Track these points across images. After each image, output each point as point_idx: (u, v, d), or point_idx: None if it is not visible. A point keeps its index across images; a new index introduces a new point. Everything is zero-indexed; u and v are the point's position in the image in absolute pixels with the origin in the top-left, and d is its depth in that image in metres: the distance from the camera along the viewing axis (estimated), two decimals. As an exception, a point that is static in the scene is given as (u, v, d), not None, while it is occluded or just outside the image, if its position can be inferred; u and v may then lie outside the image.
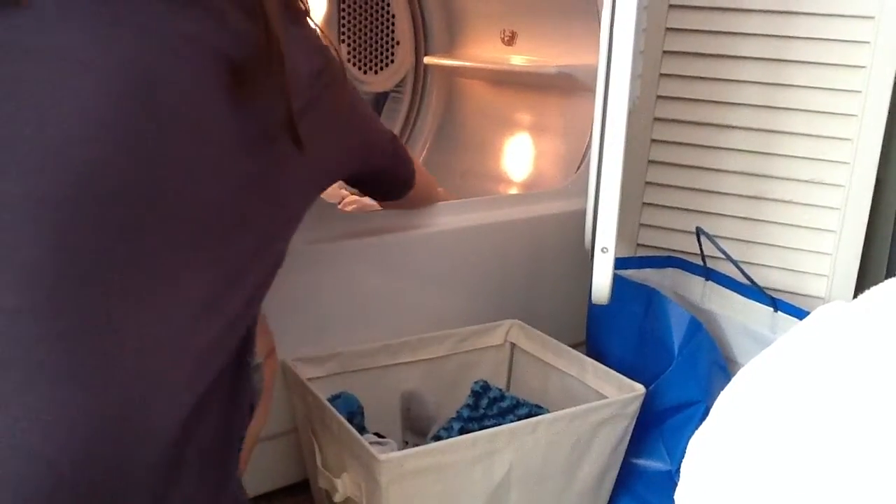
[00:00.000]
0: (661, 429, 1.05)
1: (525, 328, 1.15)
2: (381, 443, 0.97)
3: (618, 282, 1.00)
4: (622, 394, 0.98)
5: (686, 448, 0.53)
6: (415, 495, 0.84)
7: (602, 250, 0.94)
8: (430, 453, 0.84)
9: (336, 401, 0.97)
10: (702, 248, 1.15)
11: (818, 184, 1.12)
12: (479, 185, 1.58)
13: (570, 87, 1.41)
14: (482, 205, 1.22)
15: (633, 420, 0.99)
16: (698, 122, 1.19)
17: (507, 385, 1.17)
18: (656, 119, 1.21)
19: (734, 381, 0.54)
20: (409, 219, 1.12)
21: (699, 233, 1.12)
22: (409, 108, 1.75)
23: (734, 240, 1.17)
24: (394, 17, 1.65)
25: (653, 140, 1.22)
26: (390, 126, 1.74)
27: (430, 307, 1.17)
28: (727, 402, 0.53)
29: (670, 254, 1.23)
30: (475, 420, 1.02)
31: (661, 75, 1.20)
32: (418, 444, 0.98)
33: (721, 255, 1.10)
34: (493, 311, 1.19)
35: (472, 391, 1.05)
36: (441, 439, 0.93)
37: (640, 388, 0.98)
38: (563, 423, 0.92)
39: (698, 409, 1.02)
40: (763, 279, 1.11)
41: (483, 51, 1.61)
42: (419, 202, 1.09)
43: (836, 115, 1.09)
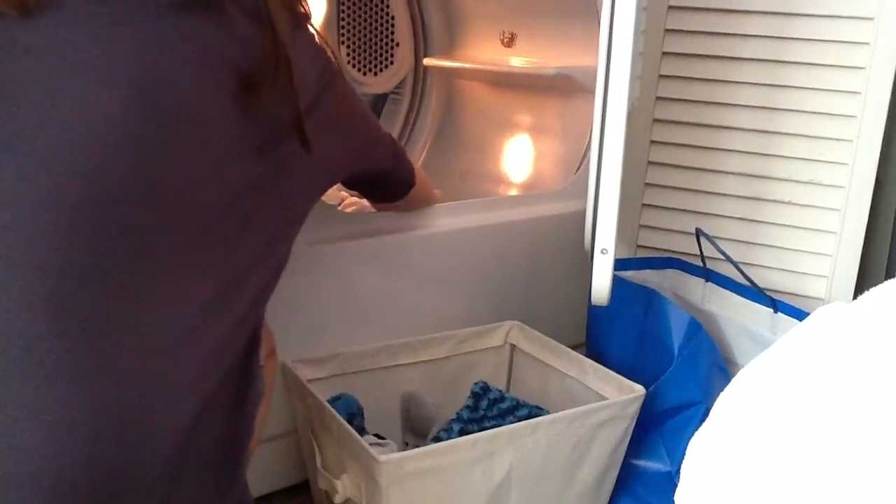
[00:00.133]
0: (661, 430, 1.05)
1: (525, 329, 1.15)
2: (380, 444, 0.97)
3: (617, 283, 1.00)
4: (622, 395, 0.98)
5: (686, 449, 0.53)
6: (415, 496, 0.84)
7: (602, 251, 0.94)
8: (430, 454, 0.84)
9: (336, 402, 0.97)
10: (701, 250, 1.15)
11: (818, 185, 1.12)
12: (478, 186, 1.58)
13: (569, 89, 1.41)
14: (482, 206, 1.22)
15: (633, 421, 0.99)
16: (698, 124, 1.19)
17: (507, 386, 1.17)
18: (656, 120, 1.21)
19: (734, 382, 0.54)
20: (409, 220, 1.12)
21: (699, 234, 1.13)
22: (408, 110, 1.75)
23: (734, 241, 1.17)
24: (393, 18, 1.65)
25: (652, 141, 1.22)
26: (390, 127, 1.75)
27: (429, 308, 1.17)
28: (727, 403, 0.53)
29: (670, 255, 1.23)
30: (475, 421, 1.02)
31: (661, 76, 1.20)
32: (418, 446, 0.98)
33: (721, 257, 1.10)
34: (493, 313, 1.19)
35: (471, 392, 1.05)
36: (441, 440, 0.93)
37: (639, 390, 0.98)
38: (563, 425, 0.92)
39: (698, 410, 1.02)
40: (763, 280, 1.11)
41: (482, 52, 1.61)
42: (417, 204, 1.09)
43: (836, 116, 1.09)
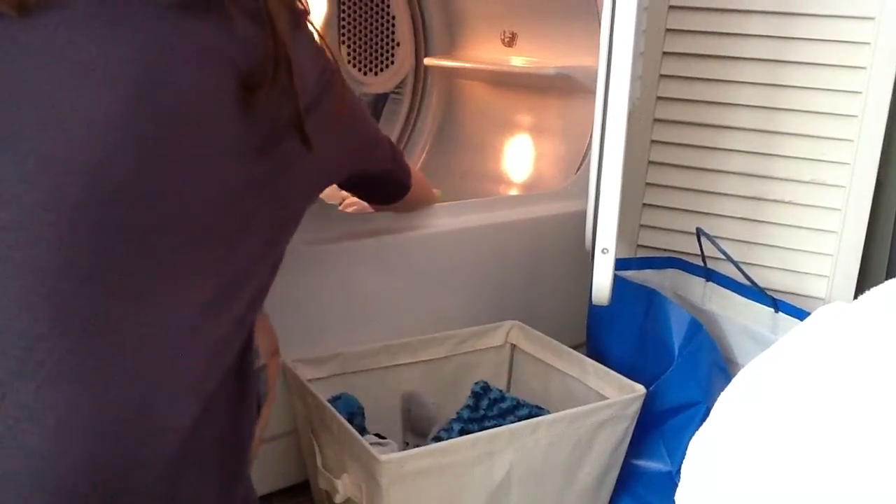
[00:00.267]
0: (661, 430, 1.05)
1: (525, 329, 1.15)
2: (381, 444, 0.96)
3: (618, 283, 1.00)
4: (623, 395, 0.98)
5: (686, 449, 0.53)
6: (415, 496, 0.84)
7: (602, 251, 0.94)
8: (431, 454, 0.84)
9: (336, 402, 0.97)
10: (702, 249, 1.15)
11: (819, 185, 1.12)
12: (479, 186, 1.58)
13: (570, 89, 1.41)
14: (482, 206, 1.22)
15: (634, 421, 0.99)
16: (698, 124, 1.19)
17: (508, 386, 1.17)
18: (656, 120, 1.21)
19: (734, 381, 0.54)
20: (409, 220, 1.12)
21: (699, 234, 1.12)
22: (409, 110, 1.75)
23: (734, 241, 1.17)
24: (394, 18, 1.65)
25: (653, 141, 1.22)
26: (390, 127, 1.75)
27: (430, 308, 1.17)
28: (727, 403, 0.53)
29: (671, 255, 1.23)
30: (475, 421, 1.02)
31: (661, 76, 1.20)
32: (419, 445, 0.98)
33: (721, 256, 1.10)
34: (494, 313, 1.19)
35: (472, 392, 1.05)
36: (441, 440, 0.93)
37: (640, 389, 0.98)
38: (564, 424, 0.92)
39: (699, 409, 1.02)
40: (763, 280, 1.11)
41: (483, 52, 1.61)
42: (415, 205, 1.09)
43: (837, 115, 1.09)
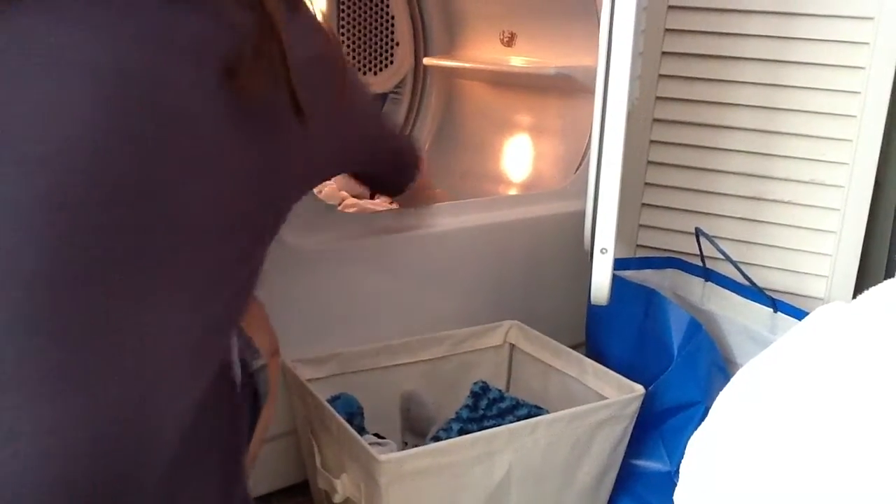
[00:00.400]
0: (660, 429, 1.05)
1: (524, 329, 1.15)
2: (380, 443, 0.97)
3: (617, 283, 1.00)
4: (622, 394, 0.98)
5: (685, 449, 0.53)
6: (414, 496, 0.84)
7: (601, 251, 0.94)
8: (430, 454, 0.84)
9: (335, 402, 0.97)
10: (701, 249, 1.15)
11: (818, 185, 1.12)
12: (478, 185, 1.58)
13: (569, 89, 1.41)
14: (481, 206, 1.22)
15: (633, 421, 0.99)
16: (697, 123, 1.19)
17: (507, 386, 1.17)
18: (655, 120, 1.21)
19: (733, 381, 0.54)
20: (409, 220, 1.12)
21: (698, 234, 1.12)
22: (408, 110, 1.75)
23: (733, 240, 1.17)
24: (393, 18, 1.65)
25: (652, 141, 1.22)
26: (390, 127, 1.75)
27: (429, 308, 1.17)
28: (726, 403, 0.53)
29: (670, 255, 1.23)
30: (474, 421, 1.02)
31: (661, 76, 1.20)
32: (418, 445, 0.98)
33: (720, 256, 1.10)
34: (493, 312, 1.19)
35: (471, 392, 1.05)
36: (440, 440, 0.93)
37: (639, 389, 0.98)
38: (563, 424, 0.92)
39: (698, 409, 1.02)
40: (762, 280, 1.11)
41: (482, 52, 1.61)
42: (420, 199, 1.10)
43: (836, 115, 1.09)
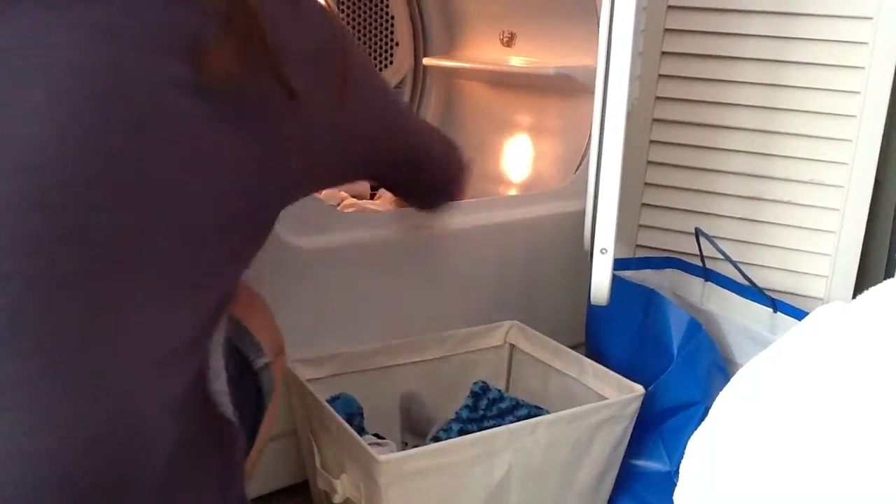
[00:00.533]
0: (660, 430, 1.05)
1: (524, 329, 1.15)
2: (380, 444, 0.96)
3: (617, 283, 1.00)
4: (621, 395, 0.98)
5: (685, 449, 0.53)
6: (414, 496, 0.84)
7: (601, 251, 0.94)
8: (430, 454, 0.84)
9: (335, 402, 0.97)
10: (701, 249, 1.15)
11: (817, 184, 1.12)
12: (478, 186, 1.58)
13: (569, 89, 1.41)
14: (481, 206, 1.22)
15: (633, 421, 0.99)
16: (697, 124, 1.19)
17: (507, 386, 1.17)
18: (655, 120, 1.21)
19: (733, 381, 0.54)
20: (408, 220, 1.12)
21: (698, 234, 1.12)
22: (408, 110, 1.75)
23: (733, 241, 1.17)
24: (393, 18, 1.65)
25: (652, 141, 1.22)
26: (389, 127, 1.75)
27: (429, 308, 1.16)
28: (726, 403, 0.53)
29: (669, 255, 1.23)
30: (474, 421, 1.02)
31: (660, 76, 1.20)
32: (417, 445, 0.98)
33: (720, 256, 1.10)
34: (493, 313, 1.19)
35: (471, 392, 1.05)
36: (440, 440, 0.93)
37: (639, 389, 0.98)
38: (563, 424, 0.92)
39: (698, 409, 1.02)
40: (762, 280, 1.11)
41: (482, 52, 1.61)
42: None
43: (835, 115, 1.09)
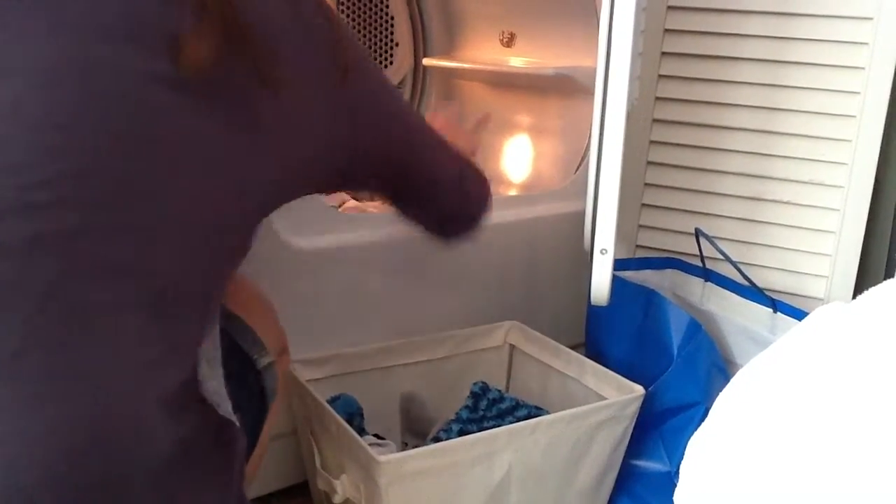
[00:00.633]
0: (660, 430, 1.05)
1: (524, 329, 1.15)
2: (380, 444, 0.96)
3: (617, 283, 1.00)
4: (621, 395, 0.98)
5: (685, 449, 0.53)
6: (414, 496, 0.84)
7: (601, 251, 0.94)
8: (430, 455, 0.84)
9: (335, 402, 0.97)
10: (701, 250, 1.15)
11: (817, 185, 1.12)
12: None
13: (568, 89, 1.41)
14: (481, 206, 1.22)
15: (633, 421, 0.99)
16: (697, 124, 1.19)
17: (507, 386, 1.17)
18: (655, 120, 1.21)
19: (733, 382, 0.54)
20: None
21: (698, 234, 1.12)
22: (408, 110, 1.75)
23: (733, 241, 1.17)
24: (393, 18, 1.65)
25: (651, 141, 1.22)
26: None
27: (429, 308, 1.16)
28: (726, 404, 0.53)
29: (669, 255, 1.23)
30: (474, 421, 1.02)
31: (660, 77, 1.20)
32: (418, 446, 0.98)
33: (720, 257, 1.10)
34: (493, 313, 1.19)
35: (471, 392, 1.05)
36: (440, 441, 0.93)
37: (639, 390, 0.98)
38: (563, 425, 0.92)
39: (698, 410, 1.02)
40: (762, 280, 1.11)
41: (482, 52, 1.61)
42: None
43: (835, 116, 1.09)
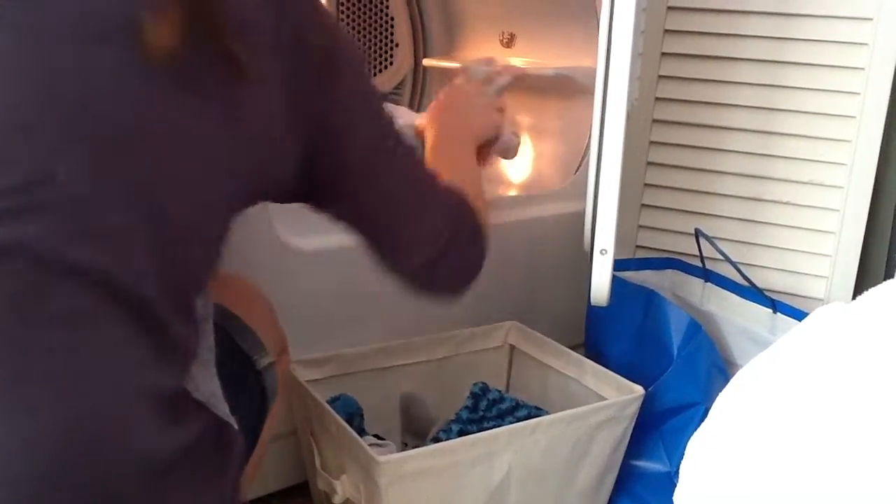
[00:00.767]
0: (660, 430, 1.05)
1: (524, 330, 1.15)
2: (380, 445, 0.96)
3: (617, 283, 1.00)
4: (621, 395, 0.98)
5: (685, 450, 0.53)
6: (414, 497, 0.84)
7: (601, 252, 0.94)
8: (430, 455, 0.84)
9: (335, 403, 0.97)
10: (701, 250, 1.15)
11: (817, 185, 1.12)
12: (478, 186, 1.58)
13: (568, 90, 1.41)
14: (481, 206, 1.22)
15: (633, 421, 0.99)
16: (697, 124, 1.19)
17: (507, 387, 1.17)
18: (655, 121, 1.21)
19: (733, 382, 0.54)
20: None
21: (698, 234, 1.12)
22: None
23: (733, 241, 1.17)
24: (392, 19, 1.65)
25: (651, 142, 1.22)
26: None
27: (428, 309, 1.16)
28: (726, 404, 0.53)
29: (669, 255, 1.23)
30: (474, 422, 1.02)
31: (660, 77, 1.20)
32: (417, 446, 0.98)
33: (720, 257, 1.10)
34: (493, 313, 1.19)
35: (471, 393, 1.05)
36: (440, 441, 0.93)
37: (639, 390, 0.98)
38: (563, 425, 0.92)
39: (697, 410, 1.02)
40: (762, 281, 1.11)
41: (482, 53, 1.61)
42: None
43: (835, 116, 1.09)
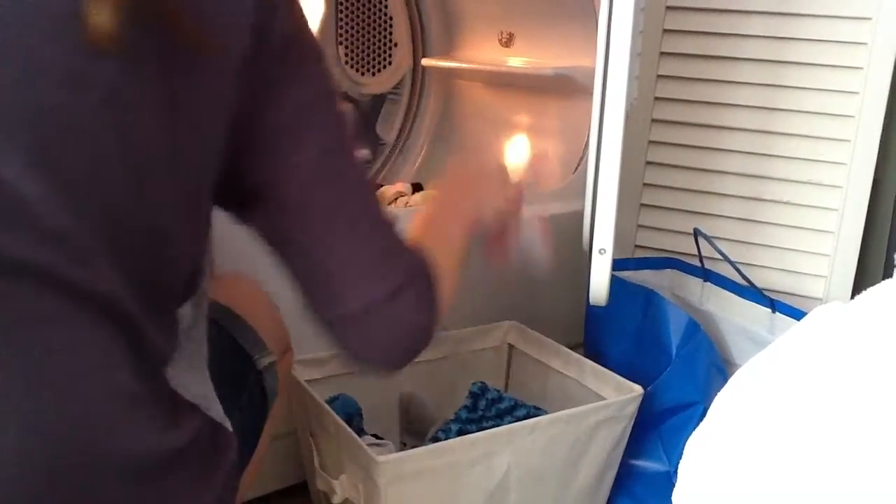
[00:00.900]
0: (659, 430, 1.05)
1: (523, 330, 1.15)
2: (379, 444, 0.96)
3: (616, 283, 1.00)
4: (620, 395, 0.98)
5: (684, 449, 0.53)
6: (413, 497, 0.84)
7: (600, 251, 0.94)
8: (429, 455, 0.84)
9: (334, 402, 0.97)
10: (700, 250, 1.15)
11: (816, 185, 1.12)
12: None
13: (567, 89, 1.41)
14: (480, 206, 1.22)
15: (632, 421, 0.99)
16: (696, 124, 1.19)
17: (506, 386, 1.17)
18: (654, 120, 1.21)
19: (732, 381, 0.54)
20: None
21: (697, 234, 1.12)
22: (406, 110, 1.75)
23: (732, 241, 1.17)
24: (391, 19, 1.65)
25: (650, 141, 1.22)
26: (388, 128, 1.75)
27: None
28: (725, 403, 0.53)
29: (668, 255, 1.23)
30: (473, 421, 1.02)
31: (659, 77, 1.20)
32: (417, 446, 0.98)
33: (719, 257, 1.10)
34: (492, 313, 1.19)
35: (470, 393, 1.05)
36: (439, 441, 0.93)
37: (638, 390, 0.98)
38: (562, 425, 0.92)
39: (696, 410, 1.02)
40: (761, 280, 1.11)
41: (481, 53, 1.61)
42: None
43: (834, 116, 1.09)
